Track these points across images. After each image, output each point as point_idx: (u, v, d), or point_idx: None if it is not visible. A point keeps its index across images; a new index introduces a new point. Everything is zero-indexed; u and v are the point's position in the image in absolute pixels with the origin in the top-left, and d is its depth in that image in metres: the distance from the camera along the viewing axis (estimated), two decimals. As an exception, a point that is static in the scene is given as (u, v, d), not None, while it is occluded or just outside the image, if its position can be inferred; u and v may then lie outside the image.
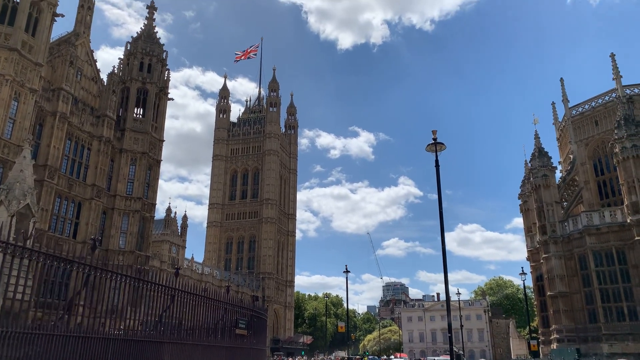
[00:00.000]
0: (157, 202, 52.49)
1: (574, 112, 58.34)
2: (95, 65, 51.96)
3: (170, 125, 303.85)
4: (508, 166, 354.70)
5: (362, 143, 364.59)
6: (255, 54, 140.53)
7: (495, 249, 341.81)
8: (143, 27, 59.38)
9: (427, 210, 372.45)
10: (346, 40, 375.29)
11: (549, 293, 51.58)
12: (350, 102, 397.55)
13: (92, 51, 51.57)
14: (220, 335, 15.14)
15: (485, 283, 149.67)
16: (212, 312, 14.82)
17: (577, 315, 49.17)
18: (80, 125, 47.44)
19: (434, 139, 19.37)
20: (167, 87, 57.82)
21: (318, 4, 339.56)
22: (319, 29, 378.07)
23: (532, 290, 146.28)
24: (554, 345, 49.79)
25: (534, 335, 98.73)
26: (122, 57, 57.86)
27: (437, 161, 19.21)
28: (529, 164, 56.99)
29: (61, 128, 44.22)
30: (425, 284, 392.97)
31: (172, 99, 58.25)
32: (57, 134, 43.86)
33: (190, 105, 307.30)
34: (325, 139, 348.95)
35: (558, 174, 58.24)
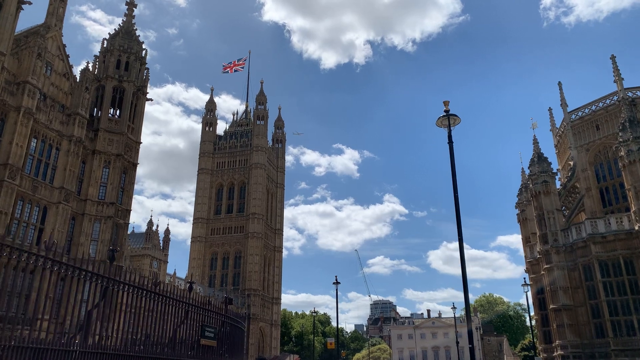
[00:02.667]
0: (139, 218, 48.89)
1: (573, 116, 55.95)
2: (68, 60, 48.37)
3: (153, 141, 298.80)
4: (491, 184, 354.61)
5: (346, 160, 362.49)
6: (243, 67, 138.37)
7: (480, 267, 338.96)
8: (121, 24, 56.15)
9: (412, 228, 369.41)
10: (329, 60, 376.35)
11: (551, 306, 48.38)
12: (335, 120, 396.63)
13: (64, 46, 48.00)
14: (178, 347, 11.52)
15: (475, 300, 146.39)
16: (167, 316, 11.23)
17: (583, 329, 45.97)
18: (48, 122, 43.68)
19: (446, 111, 16.20)
20: (145, 87, 54.40)
21: (301, 24, 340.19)
22: (302, 48, 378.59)
23: (521, 306, 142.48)
24: (559, 363, 46.48)
25: (527, 353, 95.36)
26: (97, 54, 54.41)
27: (450, 136, 16.01)
28: (528, 171, 54.24)
29: (25, 124, 40.45)
30: (412, 302, 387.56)
31: (151, 100, 54.91)
32: (21, 131, 40.07)
33: (173, 122, 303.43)
34: (310, 156, 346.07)
35: (557, 183, 55.63)
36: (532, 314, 55.78)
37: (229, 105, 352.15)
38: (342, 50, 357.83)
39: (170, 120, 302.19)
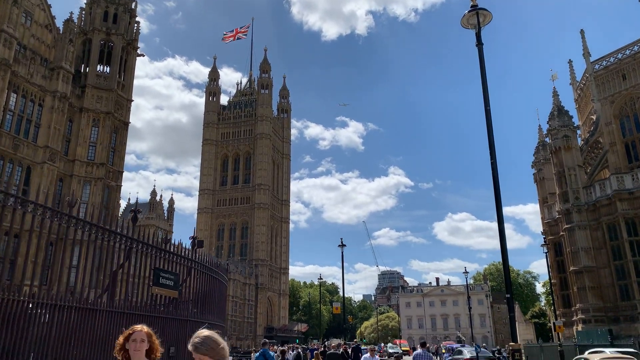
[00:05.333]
0: (145, 192, 45.86)
1: (596, 66, 51.76)
2: (50, 11, 44.76)
3: (156, 116, 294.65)
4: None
5: (351, 133, 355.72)
6: (245, 34, 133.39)
7: (486, 237, 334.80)
8: (109, -26, 52.19)
9: (418, 199, 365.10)
10: (331, 31, 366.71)
11: (572, 268, 45.36)
12: (338, 92, 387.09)
13: (45, -6, 44.44)
14: (113, 294, 8.49)
15: (484, 268, 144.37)
16: (98, 253, 8.19)
17: (606, 292, 43.04)
18: (29, 76, 40.44)
19: (474, 6, 12.74)
20: (136, 41, 50.73)
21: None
22: (302, 19, 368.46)
23: (531, 274, 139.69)
24: (579, 327, 43.67)
25: (537, 320, 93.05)
26: (83, 5, 50.70)
27: (479, 36, 12.58)
28: (547, 126, 50.45)
29: (2, 77, 37.25)
30: (418, 272, 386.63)
31: (143, 55, 51.47)
32: (-2, 84, 36.99)
33: (175, 96, 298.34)
34: (314, 130, 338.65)
35: (578, 140, 51.96)
36: (541, 283, 52.89)
37: (231, 79, 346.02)
38: (344, 22, 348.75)
39: (172, 95, 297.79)
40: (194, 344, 2.79)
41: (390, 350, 51.78)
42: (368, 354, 14.81)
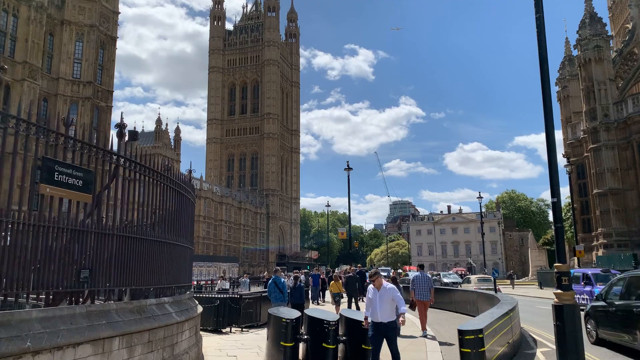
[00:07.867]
0: (152, 122, 42.52)
1: (637, -34, 45.84)
2: None
3: (160, 46, 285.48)
4: (509, 85, 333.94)
5: (361, 62, 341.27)
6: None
7: (497, 167, 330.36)
8: None
9: (429, 130, 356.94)
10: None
11: (595, 191, 42.36)
12: (346, 18, 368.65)
13: None
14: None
15: (497, 197, 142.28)
16: None
17: (632, 215, 40.22)
18: (-1, -18, 36.50)
19: None
20: (119, -55, 45.81)
21: None
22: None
23: (545, 202, 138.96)
24: (600, 252, 41.37)
25: (549, 247, 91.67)
26: None
27: None
28: (577, 36, 45.53)
29: (-33, -19, 33.47)
30: (429, 202, 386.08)
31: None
32: (-38, -10, 33.21)
33: (178, 25, 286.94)
34: (322, 59, 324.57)
35: (611, 52, 46.99)
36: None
37: (235, 5, 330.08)
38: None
39: (175, 24, 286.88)
40: None
41: (446, 280, 41.46)
42: (370, 286, 8.55)
